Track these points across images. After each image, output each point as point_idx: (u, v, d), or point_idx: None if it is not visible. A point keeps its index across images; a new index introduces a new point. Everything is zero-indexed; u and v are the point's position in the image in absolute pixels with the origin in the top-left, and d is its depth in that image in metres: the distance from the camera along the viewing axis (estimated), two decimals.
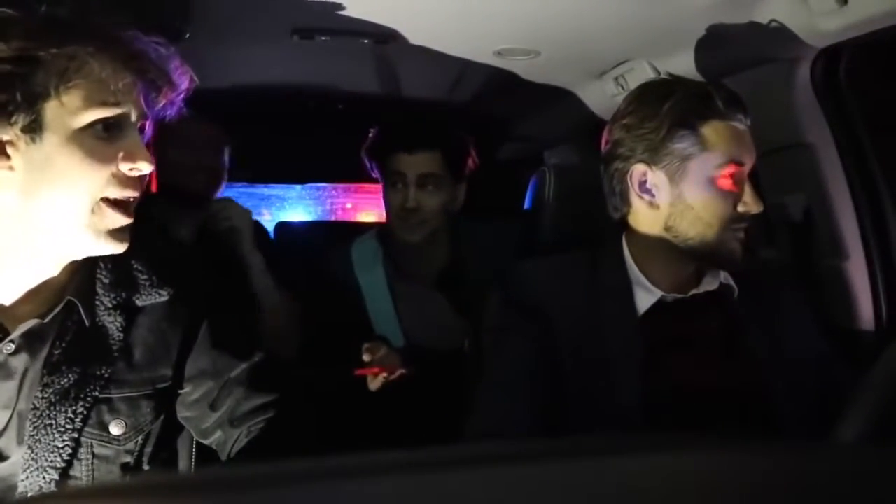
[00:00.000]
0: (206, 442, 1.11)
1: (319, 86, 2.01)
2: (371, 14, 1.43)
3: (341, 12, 1.40)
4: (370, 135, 1.81)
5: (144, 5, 1.34)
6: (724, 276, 1.24)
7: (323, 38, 1.54)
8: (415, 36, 1.55)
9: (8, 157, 0.86)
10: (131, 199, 0.93)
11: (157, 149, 1.79)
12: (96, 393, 0.95)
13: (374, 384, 1.61)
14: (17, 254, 0.92)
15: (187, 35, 1.50)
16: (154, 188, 1.84)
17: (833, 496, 0.34)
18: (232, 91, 1.94)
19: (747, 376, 1.20)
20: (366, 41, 1.55)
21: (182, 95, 0.98)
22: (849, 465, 0.38)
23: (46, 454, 0.92)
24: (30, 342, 0.94)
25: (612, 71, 1.76)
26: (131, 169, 0.91)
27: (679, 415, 1.15)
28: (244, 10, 1.42)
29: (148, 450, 1.02)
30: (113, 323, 0.98)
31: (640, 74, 1.67)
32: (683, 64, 1.56)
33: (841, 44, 1.36)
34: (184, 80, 0.97)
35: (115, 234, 0.92)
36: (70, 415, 0.93)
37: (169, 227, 1.79)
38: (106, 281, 0.99)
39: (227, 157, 1.88)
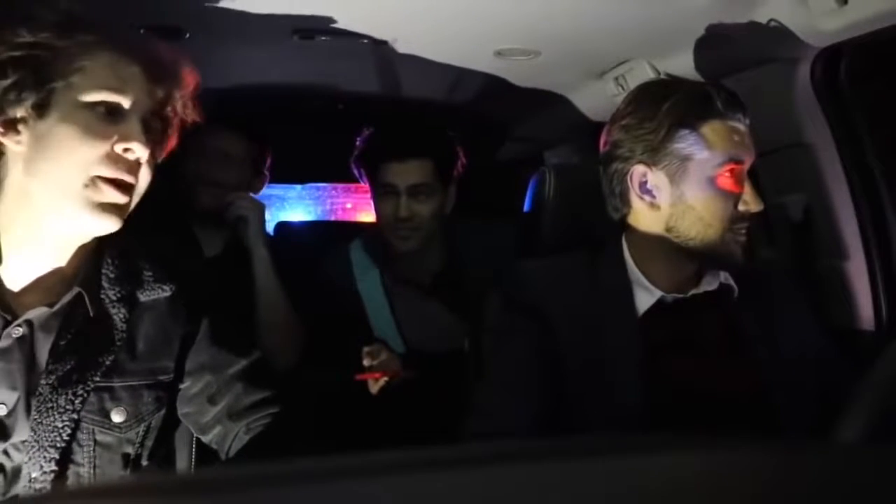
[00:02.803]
0: (205, 439, 1.13)
1: (319, 86, 2.00)
2: (371, 14, 1.43)
3: (341, 12, 1.40)
4: (358, 143, 1.79)
5: (144, 5, 1.35)
6: (724, 277, 1.24)
7: (323, 38, 1.54)
8: (415, 36, 1.55)
9: (18, 132, 0.93)
10: (126, 181, 0.96)
11: (190, 163, 1.79)
12: (97, 378, 0.99)
13: (375, 388, 1.61)
14: (24, 237, 0.97)
15: (187, 35, 1.50)
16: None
17: (833, 496, 0.34)
18: (232, 91, 1.94)
19: (747, 376, 1.20)
20: (366, 41, 1.55)
21: (189, 94, 1.04)
22: (849, 465, 0.38)
23: (47, 434, 0.95)
24: (38, 328, 0.98)
25: (612, 71, 1.76)
26: (125, 150, 0.95)
27: (679, 414, 1.15)
28: (244, 10, 1.42)
29: (149, 443, 1.05)
30: (117, 314, 1.02)
31: (640, 74, 1.67)
32: (683, 64, 1.56)
33: (841, 44, 1.36)
34: (189, 79, 1.03)
35: (108, 208, 0.95)
36: (70, 397, 0.96)
37: (199, 238, 1.79)
38: (112, 275, 1.04)
39: (259, 173, 1.87)
